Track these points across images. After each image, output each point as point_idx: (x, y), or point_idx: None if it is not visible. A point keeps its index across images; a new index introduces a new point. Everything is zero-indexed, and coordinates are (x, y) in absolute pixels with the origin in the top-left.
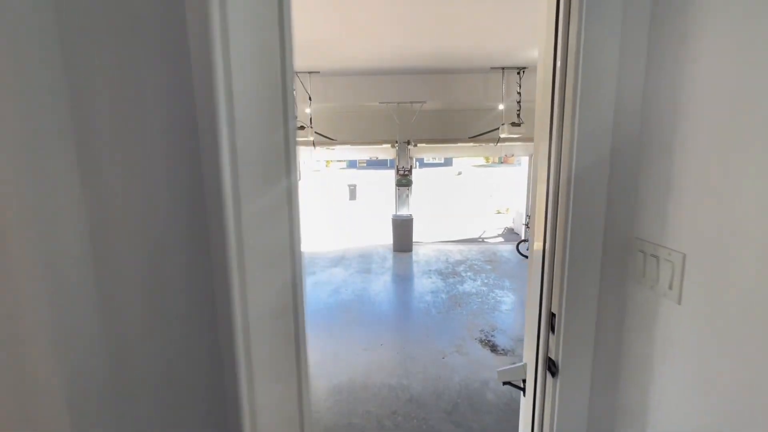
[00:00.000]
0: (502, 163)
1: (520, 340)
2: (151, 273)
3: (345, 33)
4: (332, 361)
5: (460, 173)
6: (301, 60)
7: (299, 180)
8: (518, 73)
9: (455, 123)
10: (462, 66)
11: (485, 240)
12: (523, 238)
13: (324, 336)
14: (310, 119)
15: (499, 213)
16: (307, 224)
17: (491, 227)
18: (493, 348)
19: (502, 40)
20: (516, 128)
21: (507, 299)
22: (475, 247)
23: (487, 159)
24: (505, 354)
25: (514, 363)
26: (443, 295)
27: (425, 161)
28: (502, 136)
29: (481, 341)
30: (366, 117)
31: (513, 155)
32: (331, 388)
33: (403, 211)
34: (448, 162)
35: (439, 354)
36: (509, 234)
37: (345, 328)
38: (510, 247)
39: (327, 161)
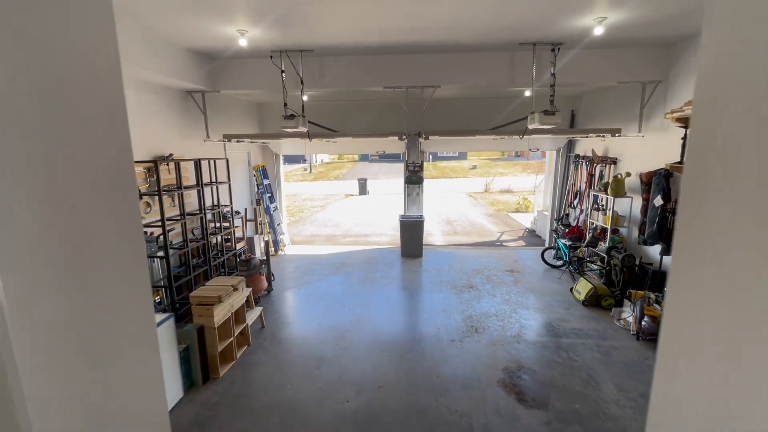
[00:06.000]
0: (518, 156)
1: (554, 386)
2: None
3: None
4: (316, 406)
5: (474, 167)
6: (285, 34)
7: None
8: (553, 50)
9: (473, 113)
10: (483, 41)
11: (504, 244)
12: (548, 244)
13: (311, 365)
14: (302, 107)
15: (517, 211)
16: (315, 222)
17: (509, 227)
18: (520, 396)
19: (533, 5)
20: (549, 117)
21: (533, 322)
22: (493, 252)
23: (502, 152)
24: (537, 407)
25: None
26: (457, 316)
27: (439, 154)
28: (531, 126)
29: (504, 385)
30: (370, 105)
31: (537, 149)
32: None
33: (413, 211)
34: (462, 156)
35: (450, 412)
36: (530, 236)
37: (334, 363)
38: (533, 254)
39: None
